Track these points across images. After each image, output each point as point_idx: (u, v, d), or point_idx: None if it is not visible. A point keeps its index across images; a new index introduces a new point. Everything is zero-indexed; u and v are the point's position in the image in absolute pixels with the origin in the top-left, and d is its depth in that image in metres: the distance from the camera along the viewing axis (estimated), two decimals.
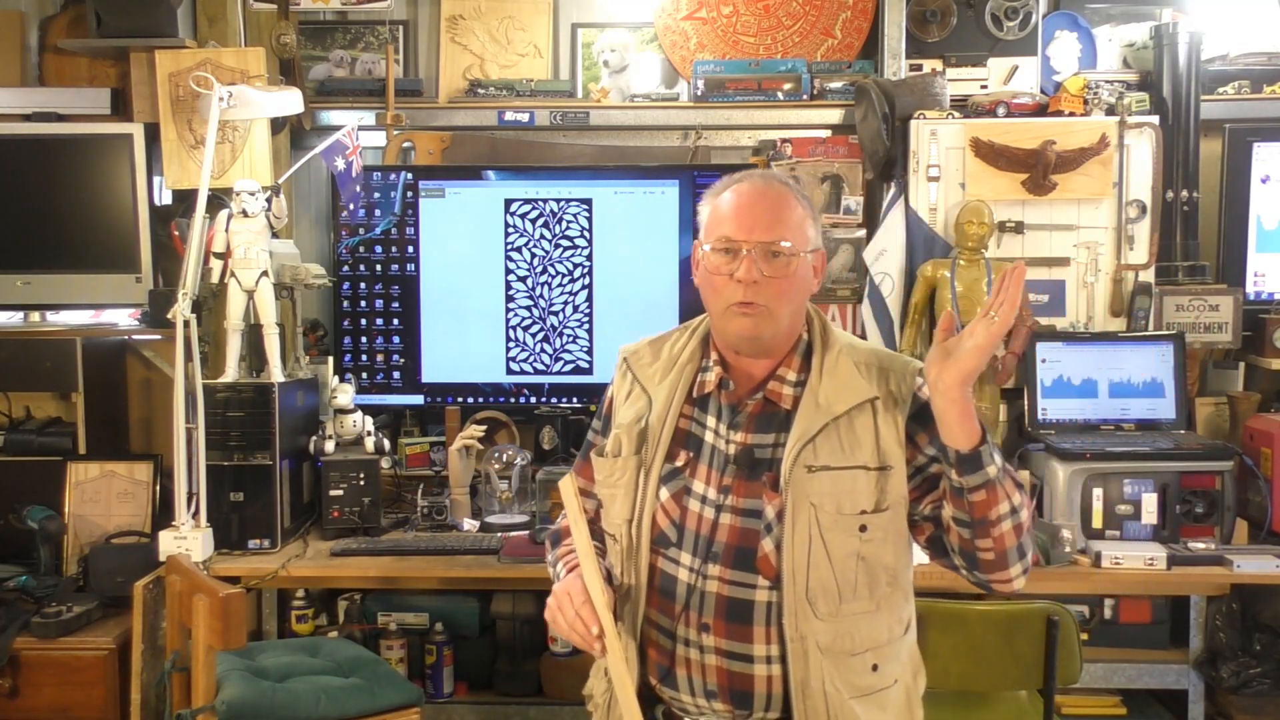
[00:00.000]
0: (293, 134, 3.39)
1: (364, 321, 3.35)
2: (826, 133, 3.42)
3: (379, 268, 3.33)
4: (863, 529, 1.55)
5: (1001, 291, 1.40)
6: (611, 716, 1.65)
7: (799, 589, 1.53)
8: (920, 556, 1.68)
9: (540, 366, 3.34)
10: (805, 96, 3.37)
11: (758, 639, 1.55)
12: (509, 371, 3.34)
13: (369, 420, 3.12)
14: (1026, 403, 3.09)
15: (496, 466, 3.08)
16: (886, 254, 3.16)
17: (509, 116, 3.38)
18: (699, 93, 3.38)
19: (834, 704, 1.54)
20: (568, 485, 1.64)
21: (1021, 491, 1.50)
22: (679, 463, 1.63)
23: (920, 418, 1.56)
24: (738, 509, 1.58)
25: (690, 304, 3.24)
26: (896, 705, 1.62)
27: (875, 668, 1.59)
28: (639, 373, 1.71)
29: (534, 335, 3.33)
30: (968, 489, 1.45)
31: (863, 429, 1.56)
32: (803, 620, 1.54)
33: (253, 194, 2.84)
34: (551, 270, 3.32)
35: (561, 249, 3.31)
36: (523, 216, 3.31)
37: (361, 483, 2.95)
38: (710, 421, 1.63)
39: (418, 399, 3.36)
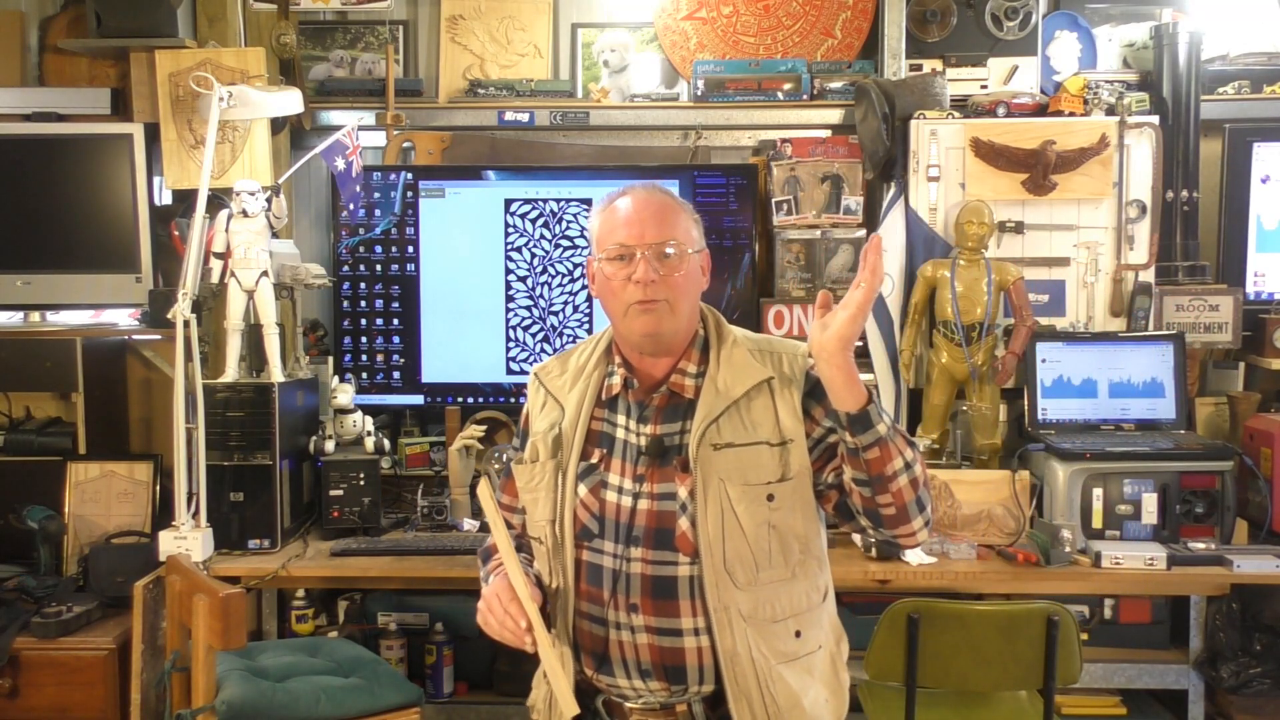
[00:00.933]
0: (293, 134, 3.39)
1: (364, 321, 3.35)
2: (826, 133, 3.42)
3: (379, 268, 3.33)
4: (770, 498, 1.65)
5: (865, 264, 1.50)
6: (554, 717, 1.72)
7: (717, 561, 1.63)
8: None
9: None
10: (805, 96, 3.36)
11: (684, 612, 1.64)
12: (509, 371, 3.34)
13: (369, 420, 3.12)
14: (1026, 403, 3.09)
15: (496, 466, 3.08)
16: (886, 254, 3.12)
17: (509, 116, 3.38)
18: (699, 93, 3.38)
19: (762, 670, 1.64)
20: (484, 488, 1.72)
21: (913, 448, 1.60)
22: (594, 459, 1.72)
23: (814, 393, 1.67)
24: (653, 494, 1.67)
25: None
26: (823, 671, 1.73)
27: (798, 634, 1.68)
28: (549, 385, 1.82)
29: (534, 335, 3.33)
30: (861, 448, 1.54)
31: (761, 408, 1.67)
32: (724, 590, 1.63)
33: (253, 194, 2.83)
34: (551, 270, 3.32)
35: (561, 249, 3.31)
36: (523, 216, 3.31)
37: (361, 483, 2.95)
38: (620, 420, 1.74)
39: (418, 399, 3.36)
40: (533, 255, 3.32)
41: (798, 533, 1.68)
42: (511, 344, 3.33)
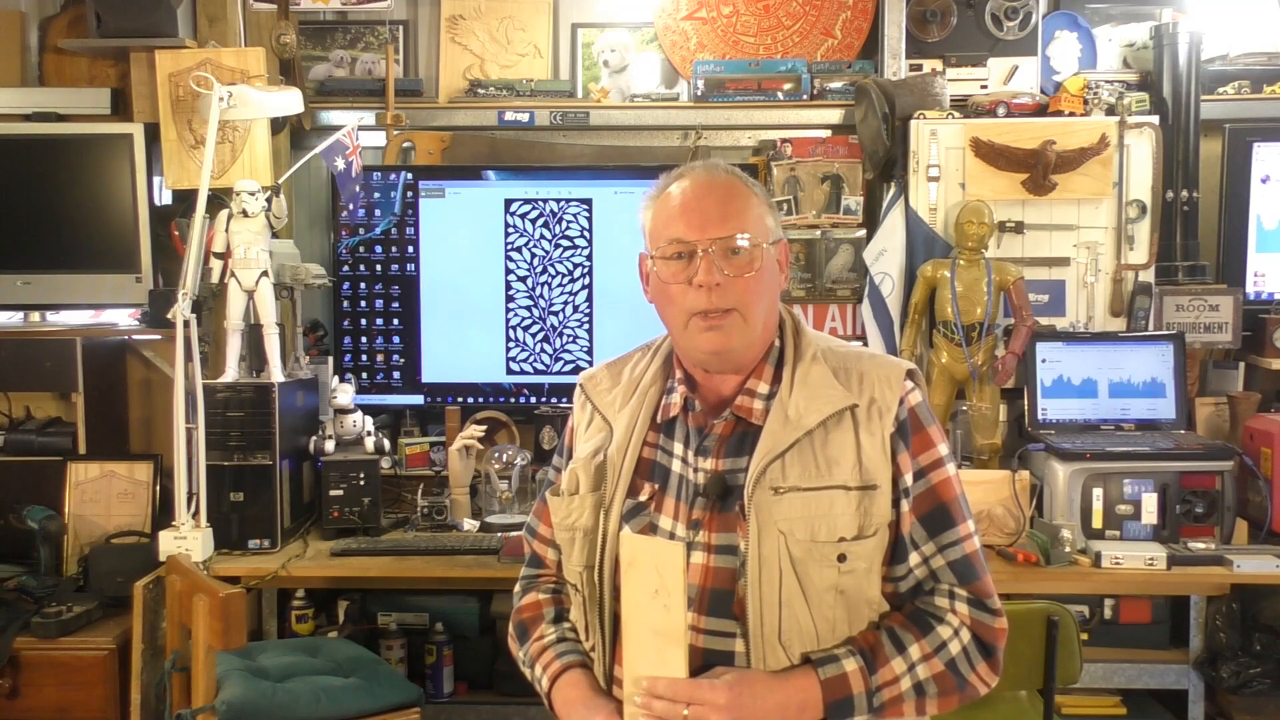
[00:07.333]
0: (293, 134, 3.39)
1: (364, 321, 3.35)
2: (826, 133, 3.42)
3: (379, 268, 3.33)
4: (842, 559, 1.36)
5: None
6: None
7: (770, 633, 1.35)
8: None
9: (540, 366, 3.34)
10: (805, 96, 3.36)
11: None
12: (509, 371, 3.34)
13: (369, 420, 3.12)
14: (1026, 403, 3.09)
15: (496, 466, 3.08)
16: (886, 254, 3.16)
17: (509, 116, 3.38)
18: (699, 93, 3.38)
19: None
20: (677, 556, 1.32)
21: (914, 669, 1.36)
22: (642, 496, 1.47)
23: (903, 432, 1.40)
24: (710, 545, 1.40)
25: None
26: None
27: None
28: (597, 400, 1.56)
29: (534, 335, 3.33)
30: None
31: (840, 444, 1.39)
32: (774, 670, 1.36)
33: (253, 194, 2.83)
34: (551, 270, 3.32)
35: (561, 249, 3.31)
36: (523, 216, 3.31)
37: (361, 483, 2.95)
38: (677, 449, 1.47)
39: (418, 399, 3.36)
40: (533, 255, 3.32)
41: (871, 599, 1.39)
42: (511, 344, 3.33)
